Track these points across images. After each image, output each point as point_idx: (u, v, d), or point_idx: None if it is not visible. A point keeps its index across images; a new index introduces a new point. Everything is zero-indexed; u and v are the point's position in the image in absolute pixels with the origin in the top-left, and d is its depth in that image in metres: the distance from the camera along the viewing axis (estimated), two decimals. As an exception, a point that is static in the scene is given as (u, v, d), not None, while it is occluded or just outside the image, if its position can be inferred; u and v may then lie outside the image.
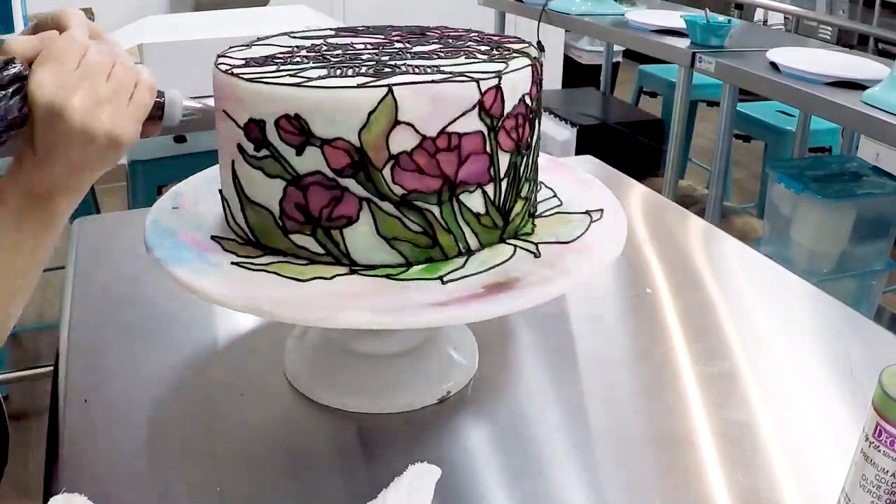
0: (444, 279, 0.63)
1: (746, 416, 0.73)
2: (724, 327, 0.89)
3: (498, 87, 0.63)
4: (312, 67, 0.66)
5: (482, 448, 0.69)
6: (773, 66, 1.89)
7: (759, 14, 4.19)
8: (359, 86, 0.60)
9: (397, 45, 0.73)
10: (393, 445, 0.69)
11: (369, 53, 0.70)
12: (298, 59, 0.69)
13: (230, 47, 0.73)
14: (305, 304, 0.60)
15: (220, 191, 0.71)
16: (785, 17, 3.89)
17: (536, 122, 0.70)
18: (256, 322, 0.85)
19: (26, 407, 2.17)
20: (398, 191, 0.62)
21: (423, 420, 0.72)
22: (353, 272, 0.64)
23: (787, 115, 2.64)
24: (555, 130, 2.86)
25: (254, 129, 0.63)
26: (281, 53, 0.71)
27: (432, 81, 0.61)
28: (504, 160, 0.66)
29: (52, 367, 0.81)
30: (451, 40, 0.75)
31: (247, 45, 0.74)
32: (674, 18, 2.31)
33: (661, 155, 2.80)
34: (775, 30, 3.72)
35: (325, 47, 0.73)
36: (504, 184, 0.66)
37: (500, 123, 0.64)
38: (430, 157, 0.61)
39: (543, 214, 0.75)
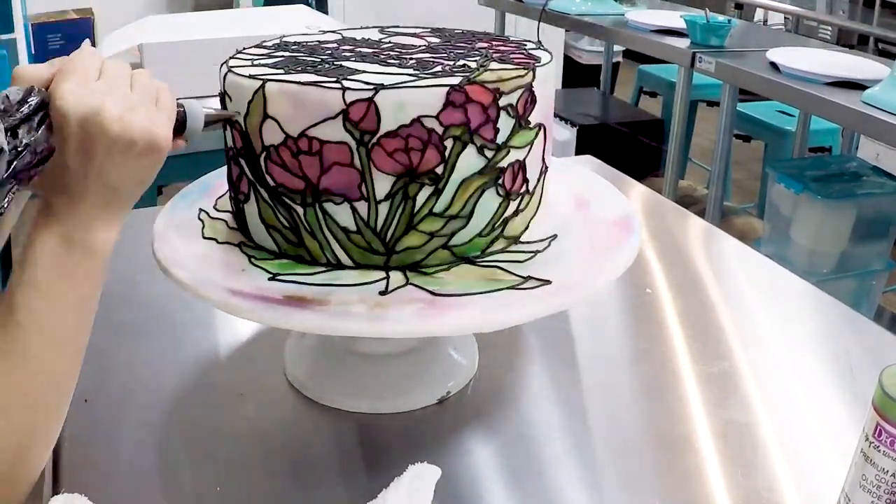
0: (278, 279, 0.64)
1: (746, 416, 0.73)
2: (724, 327, 0.89)
3: (370, 101, 0.59)
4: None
5: (482, 448, 0.69)
6: (773, 66, 1.89)
7: (759, 14, 4.19)
8: (248, 76, 0.63)
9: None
10: (393, 445, 0.69)
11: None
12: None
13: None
14: None
15: None
16: (785, 17, 3.89)
17: (466, 150, 0.62)
18: (256, 323, 0.85)
19: (26, 407, 2.16)
20: (270, 181, 0.64)
21: (423, 420, 0.72)
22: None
23: (787, 115, 2.64)
24: (555, 130, 2.85)
25: None
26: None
27: (298, 83, 0.61)
28: (383, 181, 0.61)
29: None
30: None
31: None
32: (674, 18, 2.31)
33: (661, 155, 2.81)
34: (775, 30, 3.72)
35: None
36: (379, 206, 0.62)
37: (373, 140, 0.60)
38: (293, 158, 0.62)
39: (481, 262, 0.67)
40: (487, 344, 0.81)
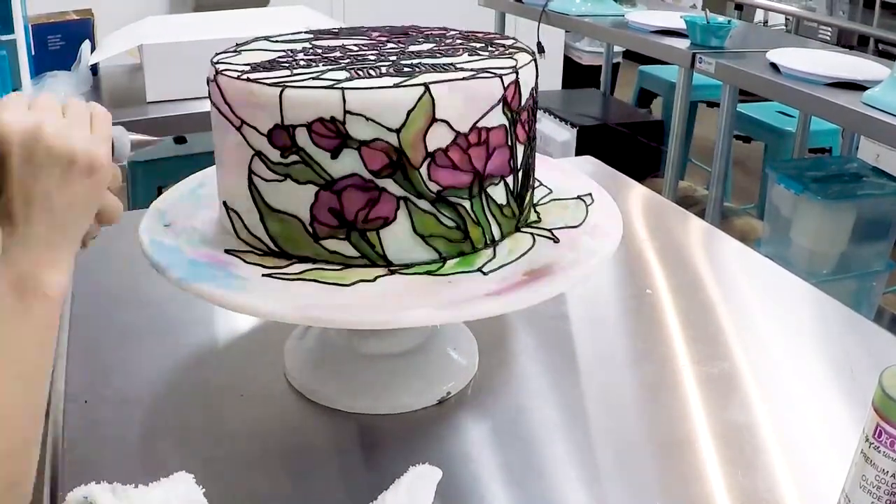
0: (485, 270, 0.65)
1: (746, 416, 0.73)
2: (724, 328, 0.89)
3: (516, 82, 0.65)
4: (329, 70, 0.65)
5: (482, 449, 0.69)
6: (774, 66, 1.89)
7: (759, 15, 4.19)
8: (395, 85, 0.60)
9: (390, 45, 0.73)
10: (393, 446, 0.69)
11: (373, 54, 0.70)
12: (304, 62, 0.68)
13: (216, 54, 0.71)
14: (362, 308, 0.60)
15: (224, 203, 0.70)
16: (785, 18, 3.89)
17: (536, 114, 0.72)
18: (256, 322, 0.85)
19: (26, 407, 2.16)
20: (434, 188, 0.63)
21: (423, 420, 0.72)
22: (391, 272, 0.64)
23: (787, 116, 2.64)
24: (555, 131, 2.85)
25: (281, 135, 0.62)
26: (280, 58, 0.70)
27: (463, 79, 0.62)
28: (520, 152, 0.68)
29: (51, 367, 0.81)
30: (439, 39, 0.75)
31: (234, 51, 0.73)
32: (674, 19, 2.31)
33: (661, 155, 2.80)
34: (775, 30, 3.72)
35: (320, 50, 0.72)
36: (520, 174, 0.68)
37: (517, 117, 0.66)
38: (463, 153, 0.63)
39: (541, 202, 0.77)
40: (487, 344, 0.81)
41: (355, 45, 0.74)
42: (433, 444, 0.69)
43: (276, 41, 0.76)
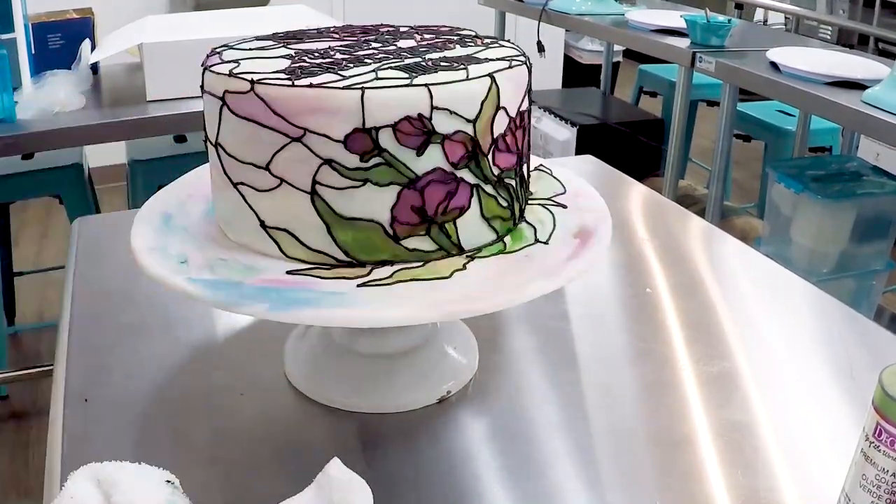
0: (544, 240, 0.69)
1: (746, 415, 0.73)
2: (724, 327, 0.89)
3: (530, 71, 0.70)
4: (362, 68, 0.64)
5: (482, 447, 0.69)
6: (774, 65, 1.89)
7: (759, 14, 4.19)
8: (468, 78, 0.63)
9: (375, 44, 0.72)
10: (393, 445, 0.69)
11: (375, 52, 0.69)
12: (337, 63, 0.66)
13: (207, 68, 0.67)
14: (487, 295, 0.62)
15: (263, 224, 0.65)
16: (785, 17, 3.89)
17: None
18: (256, 322, 0.85)
19: (26, 407, 2.17)
20: (496, 172, 0.66)
21: (423, 420, 0.72)
22: (469, 258, 0.66)
23: (787, 115, 2.64)
24: (555, 130, 2.86)
25: (361, 138, 0.60)
26: (300, 62, 0.66)
27: (508, 67, 0.66)
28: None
29: (51, 367, 0.81)
30: (410, 36, 0.76)
31: (231, 62, 0.67)
32: (674, 18, 2.31)
33: (661, 155, 2.81)
34: (775, 30, 3.72)
35: (319, 52, 0.70)
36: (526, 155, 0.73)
37: (530, 102, 0.71)
38: (513, 136, 0.67)
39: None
40: (487, 344, 0.81)
41: (342, 45, 0.73)
42: (433, 444, 0.69)
43: (246, 49, 0.72)
